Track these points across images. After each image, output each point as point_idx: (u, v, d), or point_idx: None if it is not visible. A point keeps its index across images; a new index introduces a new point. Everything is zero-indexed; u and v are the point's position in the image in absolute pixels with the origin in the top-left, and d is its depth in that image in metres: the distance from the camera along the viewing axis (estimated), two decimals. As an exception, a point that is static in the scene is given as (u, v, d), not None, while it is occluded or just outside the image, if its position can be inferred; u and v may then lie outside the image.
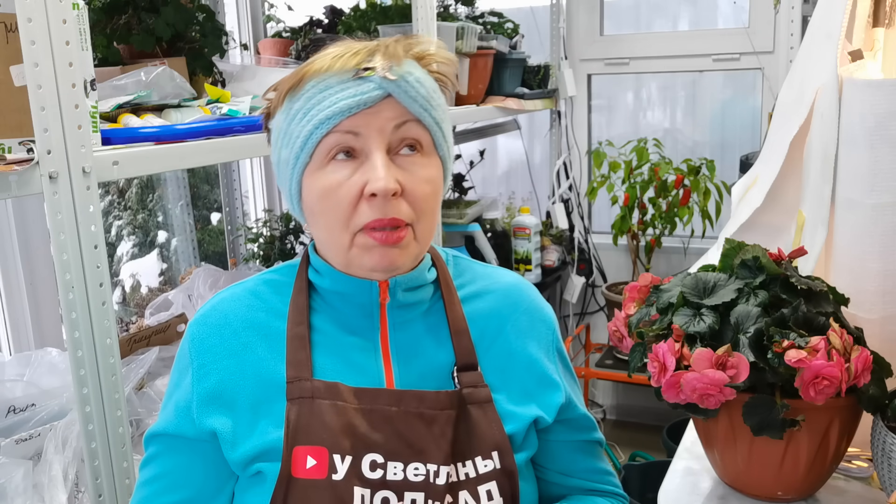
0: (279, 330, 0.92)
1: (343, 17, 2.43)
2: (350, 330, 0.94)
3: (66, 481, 1.21)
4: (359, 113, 0.85)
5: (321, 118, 0.85)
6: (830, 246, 1.11)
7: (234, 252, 2.80)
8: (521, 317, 1.00)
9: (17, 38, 1.03)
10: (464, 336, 0.95)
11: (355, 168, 0.86)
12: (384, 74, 0.85)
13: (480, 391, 0.92)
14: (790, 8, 2.31)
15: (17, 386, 1.34)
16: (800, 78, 1.26)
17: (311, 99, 0.87)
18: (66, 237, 1.08)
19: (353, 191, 0.86)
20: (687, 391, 0.90)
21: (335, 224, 0.87)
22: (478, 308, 0.99)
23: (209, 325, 0.93)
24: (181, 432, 0.90)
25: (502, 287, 1.02)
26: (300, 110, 0.87)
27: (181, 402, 0.91)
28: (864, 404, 0.92)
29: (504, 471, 0.89)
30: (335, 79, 0.86)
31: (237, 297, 0.96)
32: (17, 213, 1.85)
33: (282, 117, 0.90)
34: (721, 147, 3.22)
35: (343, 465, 0.85)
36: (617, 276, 3.29)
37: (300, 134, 0.87)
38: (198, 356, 0.91)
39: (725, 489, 1.04)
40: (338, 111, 0.85)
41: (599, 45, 3.22)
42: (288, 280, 0.97)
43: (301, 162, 0.88)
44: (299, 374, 0.89)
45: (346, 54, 0.87)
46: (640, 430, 3.29)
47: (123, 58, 1.72)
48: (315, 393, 0.87)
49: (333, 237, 0.89)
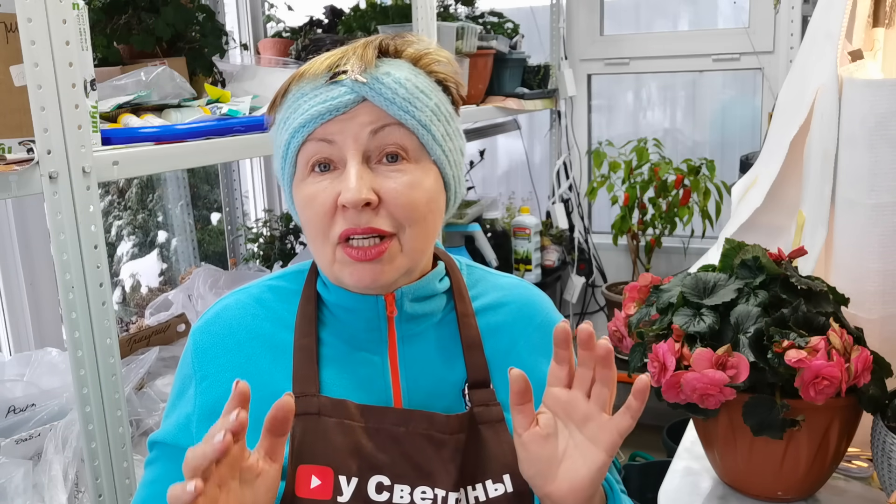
0: (285, 342, 0.89)
1: (343, 17, 2.43)
2: (358, 344, 0.91)
3: (66, 481, 1.21)
4: (332, 119, 0.82)
5: (295, 126, 0.83)
6: (830, 246, 1.11)
7: (234, 252, 2.80)
8: (533, 333, 0.96)
9: (17, 38, 1.03)
10: (476, 351, 0.91)
11: (334, 178, 0.83)
12: (355, 77, 0.82)
13: (492, 410, 0.88)
14: (790, 8, 2.31)
15: (17, 386, 1.35)
16: (800, 78, 1.26)
17: (290, 107, 0.85)
18: (66, 237, 1.08)
19: (329, 202, 0.82)
20: (687, 391, 0.90)
21: (317, 235, 0.85)
22: (492, 321, 0.95)
23: (213, 333, 0.91)
24: (179, 443, 0.88)
25: (517, 300, 0.98)
26: (281, 119, 0.86)
27: (183, 414, 0.89)
28: (864, 404, 0.92)
29: (516, 493, 0.85)
30: (309, 85, 0.84)
31: (242, 304, 0.93)
32: (17, 213, 1.85)
33: (273, 128, 0.89)
34: (721, 147, 3.22)
35: (349, 487, 0.82)
36: (617, 276, 3.29)
37: (280, 143, 0.86)
38: (201, 367, 0.89)
39: (725, 489, 1.04)
40: (309, 118, 0.82)
41: (599, 45, 3.22)
42: (295, 287, 0.94)
43: (287, 173, 0.87)
44: (305, 390, 0.85)
45: (320, 59, 0.84)
46: (640, 430, 3.25)
47: (123, 58, 1.72)
48: (321, 410, 0.84)
49: (317, 249, 0.87)
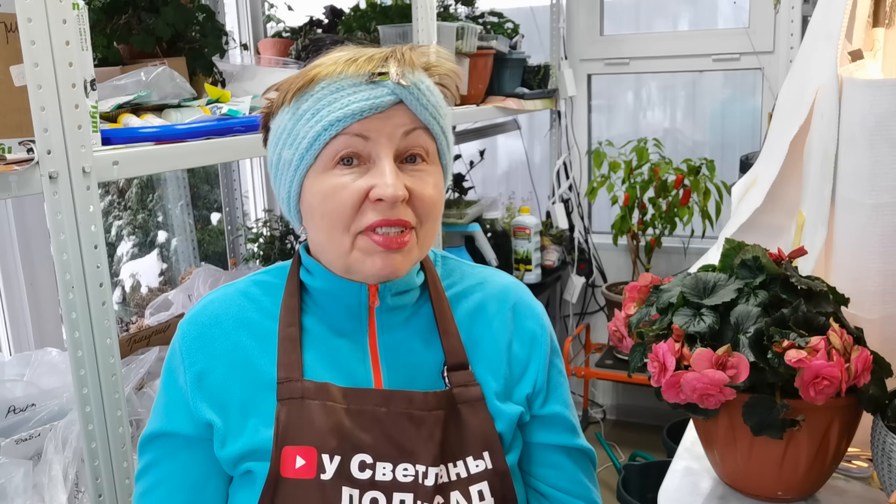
0: (270, 330, 0.93)
1: (343, 17, 2.43)
2: (339, 331, 0.94)
3: (66, 481, 1.21)
4: (370, 117, 0.85)
5: (331, 119, 0.85)
6: (830, 246, 1.11)
7: (234, 252, 2.80)
8: (507, 313, 0.99)
9: (17, 38, 1.03)
10: (452, 336, 0.95)
11: (361, 172, 0.86)
12: (398, 80, 0.85)
13: (471, 390, 0.92)
14: (790, 8, 2.31)
15: (17, 386, 1.34)
16: (800, 78, 1.26)
17: (322, 100, 0.86)
18: (66, 237, 1.08)
19: (358, 194, 0.86)
20: (687, 391, 0.90)
21: (336, 226, 0.87)
22: (466, 307, 0.99)
23: (199, 324, 0.93)
24: (178, 430, 0.90)
25: (490, 285, 1.02)
26: (308, 110, 0.87)
27: (173, 399, 0.91)
28: (864, 404, 0.92)
29: (496, 471, 0.89)
30: (348, 81, 0.86)
31: (228, 297, 0.96)
32: (17, 213, 1.85)
33: (286, 117, 0.89)
34: (721, 147, 3.22)
35: (332, 465, 0.85)
36: (617, 276, 3.29)
37: (307, 134, 0.86)
38: (188, 355, 0.91)
39: (725, 489, 1.04)
40: (349, 113, 0.85)
41: (599, 45, 3.22)
42: (279, 282, 0.97)
43: (305, 163, 0.88)
44: (290, 375, 0.89)
45: (359, 58, 0.87)
46: (640, 430, 3.29)
47: (123, 58, 1.72)
48: (305, 393, 0.88)
49: (333, 240, 0.88)
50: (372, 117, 0.85)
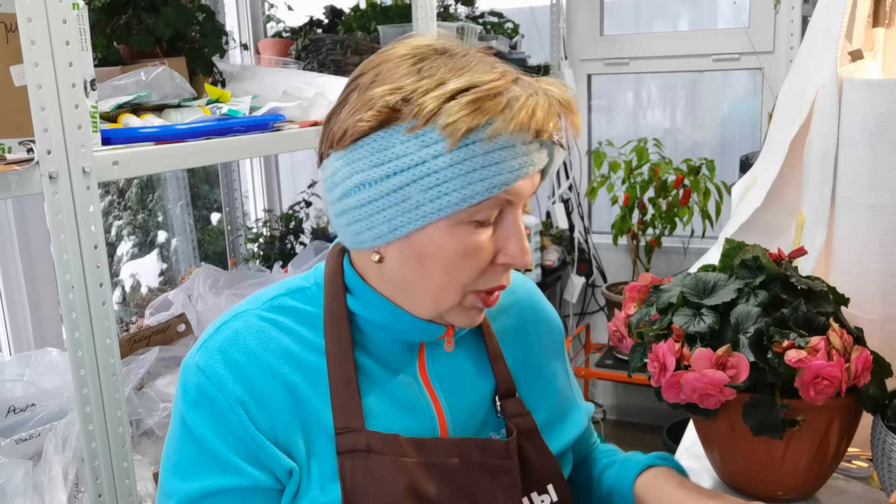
0: (318, 366, 0.81)
1: (343, 17, 2.43)
2: (389, 366, 0.85)
3: (66, 481, 1.21)
4: (524, 178, 0.76)
5: (502, 181, 0.74)
6: (830, 246, 1.11)
7: (234, 252, 2.80)
8: (541, 328, 0.97)
9: (17, 38, 1.03)
10: (500, 360, 0.90)
11: (492, 232, 0.78)
12: (559, 143, 0.78)
13: (526, 420, 0.87)
14: (790, 8, 2.31)
15: (17, 386, 1.34)
16: (800, 78, 1.26)
17: (492, 154, 0.73)
18: (66, 237, 1.08)
19: (490, 256, 0.78)
20: (687, 391, 0.90)
21: (457, 284, 0.78)
22: (504, 325, 0.94)
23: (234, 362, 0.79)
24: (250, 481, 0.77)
25: (518, 297, 0.97)
26: (468, 159, 0.72)
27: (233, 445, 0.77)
28: (864, 404, 0.92)
29: (561, 503, 0.86)
30: (520, 139, 0.74)
31: (255, 327, 0.82)
32: (17, 213, 1.85)
33: (428, 150, 0.73)
34: (721, 147, 3.22)
35: None
36: (617, 276, 3.29)
37: (460, 187, 0.73)
38: (232, 396, 0.77)
39: (725, 489, 1.04)
40: (515, 178, 0.74)
41: (599, 45, 3.22)
42: (310, 309, 0.84)
43: (443, 213, 0.74)
44: (349, 424, 0.79)
45: (536, 109, 0.74)
46: (640, 430, 3.29)
47: (123, 58, 1.71)
48: (371, 447, 0.78)
49: (438, 294, 0.79)
50: (524, 178, 0.76)
